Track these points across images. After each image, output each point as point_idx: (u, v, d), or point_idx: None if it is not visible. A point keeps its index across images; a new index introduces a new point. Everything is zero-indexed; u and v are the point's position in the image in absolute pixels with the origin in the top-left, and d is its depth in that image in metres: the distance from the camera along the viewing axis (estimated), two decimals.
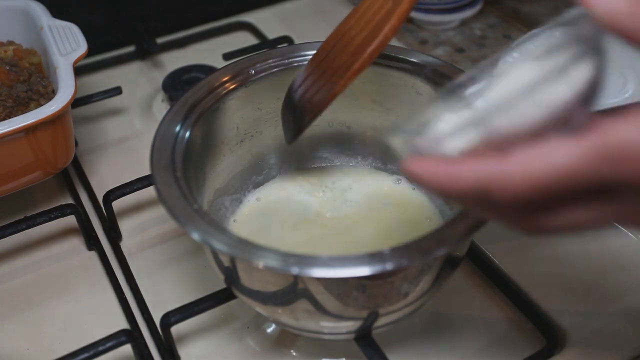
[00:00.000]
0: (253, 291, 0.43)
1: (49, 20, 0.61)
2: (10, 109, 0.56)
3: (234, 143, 0.53)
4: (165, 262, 0.56)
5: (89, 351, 0.45)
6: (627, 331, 0.48)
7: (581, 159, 0.27)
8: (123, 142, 0.68)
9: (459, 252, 0.44)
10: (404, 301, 0.42)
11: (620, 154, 0.26)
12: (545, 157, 0.27)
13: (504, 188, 0.28)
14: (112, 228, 0.57)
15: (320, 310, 0.41)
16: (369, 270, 0.37)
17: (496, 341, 0.49)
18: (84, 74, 0.76)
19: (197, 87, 0.50)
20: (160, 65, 0.78)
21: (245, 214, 0.53)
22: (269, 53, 0.53)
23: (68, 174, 0.63)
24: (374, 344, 0.45)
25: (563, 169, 0.27)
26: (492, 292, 0.52)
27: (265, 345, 0.49)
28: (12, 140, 0.52)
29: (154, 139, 0.45)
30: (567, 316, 0.49)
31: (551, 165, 0.27)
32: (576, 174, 0.27)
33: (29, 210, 0.59)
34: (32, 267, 0.56)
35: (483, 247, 0.54)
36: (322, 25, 0.83)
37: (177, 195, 0.41)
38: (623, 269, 0.52)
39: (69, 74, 0.55)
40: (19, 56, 0.61)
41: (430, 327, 0.50)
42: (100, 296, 0.53)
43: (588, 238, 0.54)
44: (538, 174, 0.27)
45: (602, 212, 0.29)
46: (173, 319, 0.47)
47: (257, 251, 0.38)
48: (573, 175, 0.27)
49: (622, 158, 0.26)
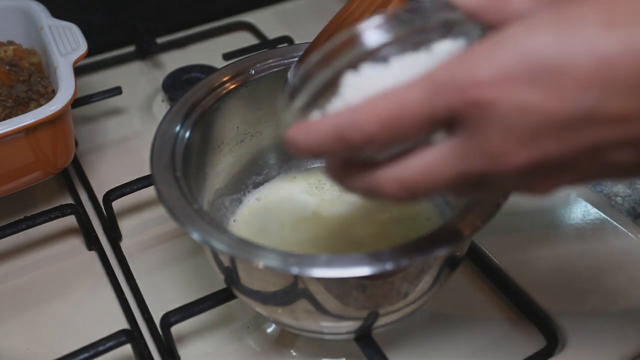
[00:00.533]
0: (253, 291, 0.43)
1: (49, 20, 0.61)
2: (10, 109, 0.56)
3: (234, 143, 0.53)
4: (165, 262, 0.56)
5: (89, 351, 0.45)
6: (627, 331, 0.48)
7: (415, 92, 0.29)
8: (123, 142, 0.68)
9: (459, 252, 0.44)
10: (404, 301, 0.42)
11: (445, 84, 0.29)
12: (389, 97, 0.30)
13: (355, 126, 0.30)
14: (112, 228, 0.57)
15: (320, 310, 0.41)
16: (369, 270, 0.37)
17: (496, 341, 0.49)
18: (84, 74, 0.76)
19: (197, 87, 0.50)
20: (160, 65, 0.78)
21: (245, 214, 0.53)
22: (269, 53, 0.53)
23: (68, 174, 0.63)
24: (374, 344, 0.45)
25: (403, 101, 0.30)
26: (492, 292, 0.52)
27: (265, 345, 0.49)
28: (12, 140, 0.52)
29: (154, 139, 0.45)
30: (567, 316, 0.49)
31: (393, 101, 0.30)
32: (412, 104, 0.29)
33: (29, 210, 0.59)
34: (32, 267, 0.56)
35: (483, 247, 0.54)
36: (322, 25, 0.83)
37: (177, 195, 0.41)
38: (623, 269, 0.52)
39: (69, 74, 0.55)
40: (19, 56, 0.61)
41: (430, 327, 0.50)
42: (100, 296, 0.53)
43: (588, 238, 0.55)
44: (382, 109, 0.30)
45: (450, 151, 0.30)
46: (173, 319, 0.47)
47: (257, 251, 0.38)
48: (410, 106, 0.29)
49: (447, 87, 0.29)
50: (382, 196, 0.32)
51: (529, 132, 0.28)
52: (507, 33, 0.29)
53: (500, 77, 0.28)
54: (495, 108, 0.28)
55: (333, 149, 0.31)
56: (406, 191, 0.32)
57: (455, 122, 0.29)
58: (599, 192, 0.59)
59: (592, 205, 0.57)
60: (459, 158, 0.30)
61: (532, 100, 0.27)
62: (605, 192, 0.60)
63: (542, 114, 0.28)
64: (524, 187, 0.31)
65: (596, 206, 0.57)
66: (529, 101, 0.27)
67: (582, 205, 0.57)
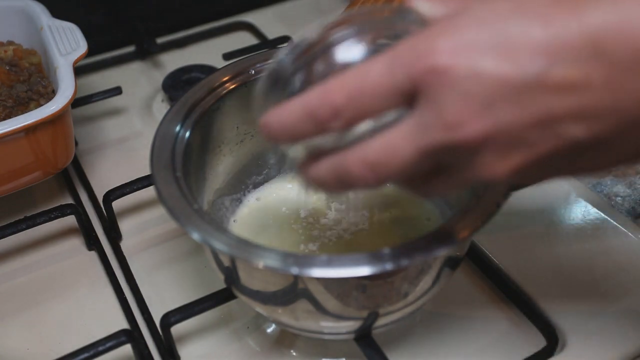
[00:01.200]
0: (253, 291, 0.43)
1: (49, 20, 0.61)
2: (10, 109, 0.56)
3: (234, 143, 0.53)
4: (165, 262, 0.56)
5: (89, 351, 0.45)
6: (627, 331, 0.48)
7: (378, 63, 0.30)
8: (123, 142, 0.68)
9: (459, 252, 0.44)
10: (404, 301, 0.42)
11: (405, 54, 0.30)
12: (354, 71, 0.31)
13: (322, 100, 0.31)
14: (112, 228, 0.57)
15: (320, 310, 0.41)
16: (369, 270, 0.37)
17: (496, 341, 0.49)
18: (84, 74, 0.76)
19: (197, 87, 0.50)
20: (160, 65, 0.78)
21: (245, 214, 0.53)
22: (269, 53, 0.53)
23: (68, 174, 0.63)
24: (374, 344, 0.45)
25: (366, 72, 0.31)
26: (492, 292, 0.52)
27: (265, 345, 0.49)
28: (12, 140, 0.52)
29: (154, 139, 0.45)
30: (567, 316, 0.49)
31: (357, 74, 0.31)
32: (375, 74, 0.30)
33: (29, 210, 0.59)
34: (32, 267, 0.56)
35: (483, 247, 0.54)
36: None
37: (177, 195, 0.41)
38: (623, 269, 0.52)
39: (69, 74, 0.55)
40: (19, 56, 0.61)
41: (430, 327, 0.50)
42: (100, 296, 0.53)
43: (588, 238, 0.55)
44: (347, 81, 0.31)
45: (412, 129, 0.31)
46: (173, 319, 0.47)
47: (257, 251, 0.38)
48: (373, 76, 0.30)
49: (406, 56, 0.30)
50: (350, 181, 0.33)
51: (483, 97, 0.29)
52: (465, 11, 0.30)
53: (458, 46, 0.29)
54: (451, 74, 0.29)
55: (303, 128, 0.32)
56: (371, 171, 0.32)
57: (415, 94, 0.30)
58: (599, 192, 0.59)
59: (592, 205, 0.57)
60: (418, 130, 0.30)
61: (486, 66, 0.28)
62: (605, 192, 0.60)
63: (495, 79, 0.28)
64: (484, 168, 0.31)
65: (596, 206, 0.57)
66: (484, 66, 0.28)
67: (582, 205, 0.57)
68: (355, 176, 0.32)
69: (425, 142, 0.30)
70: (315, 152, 0.34)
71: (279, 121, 0.33)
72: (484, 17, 0.29)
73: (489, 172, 0.31)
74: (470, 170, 0.32)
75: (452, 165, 0.32)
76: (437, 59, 0.29)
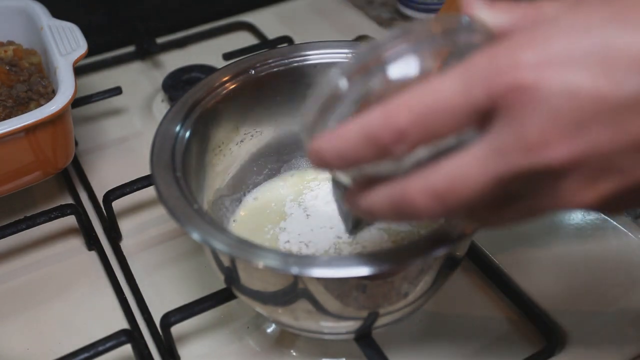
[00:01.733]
0: (253, 291, 0.43)
1: (49, 20, 0.61)
2: (10, 109, 0.56)
3: (234, 143, 0.53)
4: (165, 262, 0.56)
5: (89, 351, 0.45)
6: (627, 331, 0.48)
7: (450, 80, 0.27)
8: (123, 142, 0.68)
9: (459, 252, 0.44)
10: (404, 301, 0.42)
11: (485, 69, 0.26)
12: (420, 89, 0.27)
13: (384, 123, 0.28)
14: (112, 228, 0.57)
15: (320, 310, 0.41)
16: (369, 270, 0.37)
17: (496, 341, 0.49)
18: (84, 74, 0.76)
19: (197, 87, 0.50)
20: (160, 65, 0.78)
21: (245, 214, 0.53)
22: (269, 53, 0.53)
23: (68, 174, 0.63)
24: (374, 344, 0.45)
25: (437, 91, 0.27)
26: (492, 292, 0.52)
27: (265, 345, 0.49)
28: (12, 140, 0.52)
29: (154, 139, 0.45)
30: (567, 316, 0.49)
31: (425, 93, 0.27)
32: (448, 93, 0.27)
33: (29, 210, 0.59)
34: (32, 267, 0.56)
35: (483, 247, 0.54)
36: (322, 25, 0.84)
37: (177, 195, 0.41)
38: (623, 269, 0.52)
39: (69, 74, 0.55)
40: (19, 56, 0.61)
41: (430, 327, 0.50)
42: (100, 296, 0.53)
43: (588, 238, 0.55)
44: (413, 102, 0.27)
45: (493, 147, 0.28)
46: (173, 319, 0.47)
47: (257, 251, 0.38)
48: (445, 95, 0.27)
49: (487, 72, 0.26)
50: (411, 212, 0.29)
51: (574, 117, 0.25)
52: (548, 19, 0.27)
53: (546, 59, 0.26)
54: (538, 90, 0.26)
55: (362, 153, 0.29)
56: (439, 202, 0.28)
57: (492, 114, 0.27)
58: None
59: None
60: (495, 154, 0.27)
61: (579, 81, 0.25)
62: None
63: (590, 96, 0.25)
64: (569, 196, 0.28)
65: None
66: (577, 82, 0.25)
67: None
68: (419, 207, 0.29)
69: (503, 168, 0.27)
70: (366, 179, 0.31)
71: (334, 146, 0.29)
72: (575, 26, 0.26)
73: (575, 200, 0.28)
74: (551, 198, 0.28)
75: (529, 192, 0.29)
76: (522, 74, 0.26)
